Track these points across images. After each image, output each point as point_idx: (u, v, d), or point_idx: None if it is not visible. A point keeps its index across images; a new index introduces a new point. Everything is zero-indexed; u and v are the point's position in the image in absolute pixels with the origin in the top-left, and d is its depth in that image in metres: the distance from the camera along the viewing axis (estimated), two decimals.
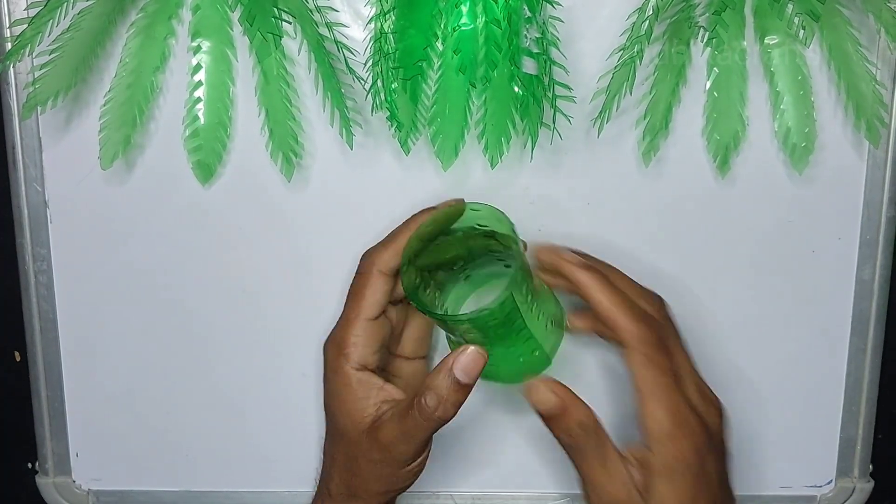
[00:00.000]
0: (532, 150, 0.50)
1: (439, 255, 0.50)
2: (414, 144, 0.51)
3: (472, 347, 0.45)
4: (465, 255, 0.51)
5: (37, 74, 0.48)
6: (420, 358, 0.53)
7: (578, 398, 0.45)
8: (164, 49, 0.50)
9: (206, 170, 0.52)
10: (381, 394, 0.47)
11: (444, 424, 0.46)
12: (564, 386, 0.45)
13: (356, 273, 0.48)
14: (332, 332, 0.49)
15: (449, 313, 0.50)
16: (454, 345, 0.49)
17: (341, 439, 0.48)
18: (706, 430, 0.45)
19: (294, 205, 0.54)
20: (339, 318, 0.48)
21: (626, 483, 0.44)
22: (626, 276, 0.49)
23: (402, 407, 0.46)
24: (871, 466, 0.59)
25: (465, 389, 0.45)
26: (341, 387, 0.47)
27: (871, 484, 0.59)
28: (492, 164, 0.50)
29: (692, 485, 0.44)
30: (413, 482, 0.49)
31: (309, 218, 0.54)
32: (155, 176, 0.53)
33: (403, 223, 0.49)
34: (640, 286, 0.49)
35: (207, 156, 0.52)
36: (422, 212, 0.49)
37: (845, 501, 0.59)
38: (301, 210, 0.54)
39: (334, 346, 0.48)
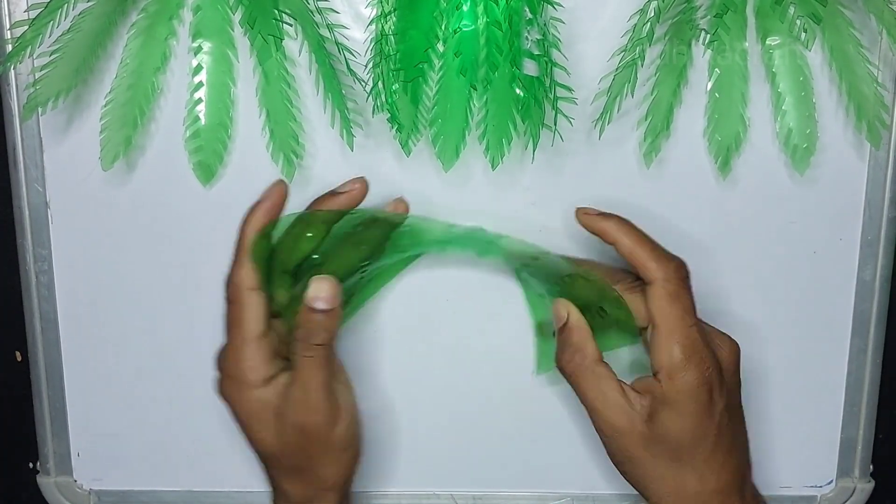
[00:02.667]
0: (533, 151, 0.50)
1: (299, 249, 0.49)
2: (415, 146, 0.51)
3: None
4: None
5: (37, 75, 0.48)
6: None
7: (587, 329, 0.47)
8: (165, 50, 0.50)
9: (207, 171, 0.52)
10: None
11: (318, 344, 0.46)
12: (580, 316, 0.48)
13: (227, 304, 0.47)
14: (225, 369, 0.48)
15: None
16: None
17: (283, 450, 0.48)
18: (717, 364, 0.46)
19: (295, 206, 0.53)
20: (226, 352, 0.48)
21: (626, 411, 0.45)
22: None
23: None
24: (871, 466, 0.59)
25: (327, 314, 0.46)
26: (259, 409, 0.47)
27: (872, 484, 0.59)
28: (493, 166, 0.50)
29: (696, 416, 0.45)
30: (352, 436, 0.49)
31: None
32: (156, 177, 0.53)
33: (240, 236, 0.48)
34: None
35: (208, 157, 0.51)
36: (252, 211, 0.48)
37: (846, 501, 0.59)
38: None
39: (234, 382, 0.47)
